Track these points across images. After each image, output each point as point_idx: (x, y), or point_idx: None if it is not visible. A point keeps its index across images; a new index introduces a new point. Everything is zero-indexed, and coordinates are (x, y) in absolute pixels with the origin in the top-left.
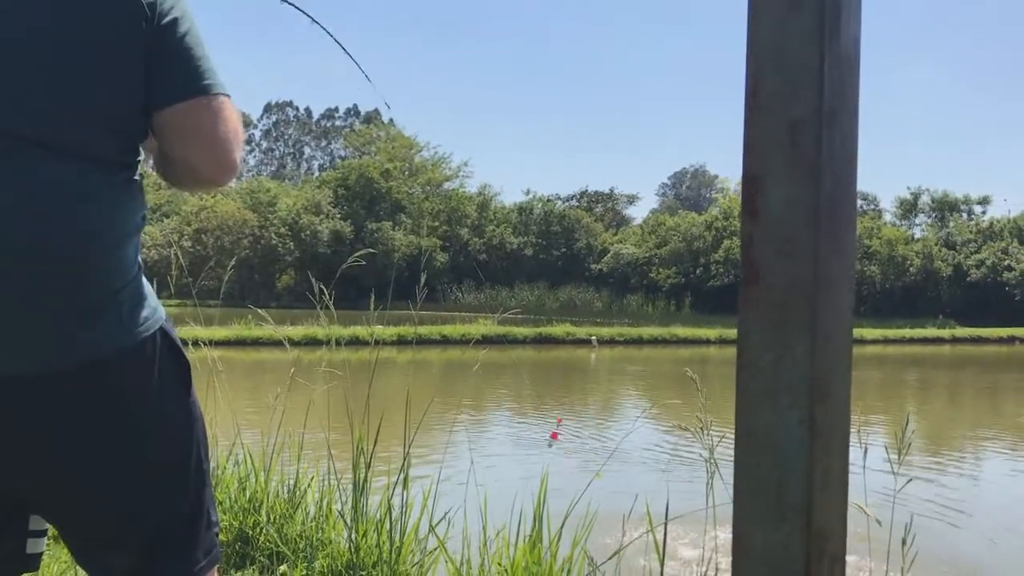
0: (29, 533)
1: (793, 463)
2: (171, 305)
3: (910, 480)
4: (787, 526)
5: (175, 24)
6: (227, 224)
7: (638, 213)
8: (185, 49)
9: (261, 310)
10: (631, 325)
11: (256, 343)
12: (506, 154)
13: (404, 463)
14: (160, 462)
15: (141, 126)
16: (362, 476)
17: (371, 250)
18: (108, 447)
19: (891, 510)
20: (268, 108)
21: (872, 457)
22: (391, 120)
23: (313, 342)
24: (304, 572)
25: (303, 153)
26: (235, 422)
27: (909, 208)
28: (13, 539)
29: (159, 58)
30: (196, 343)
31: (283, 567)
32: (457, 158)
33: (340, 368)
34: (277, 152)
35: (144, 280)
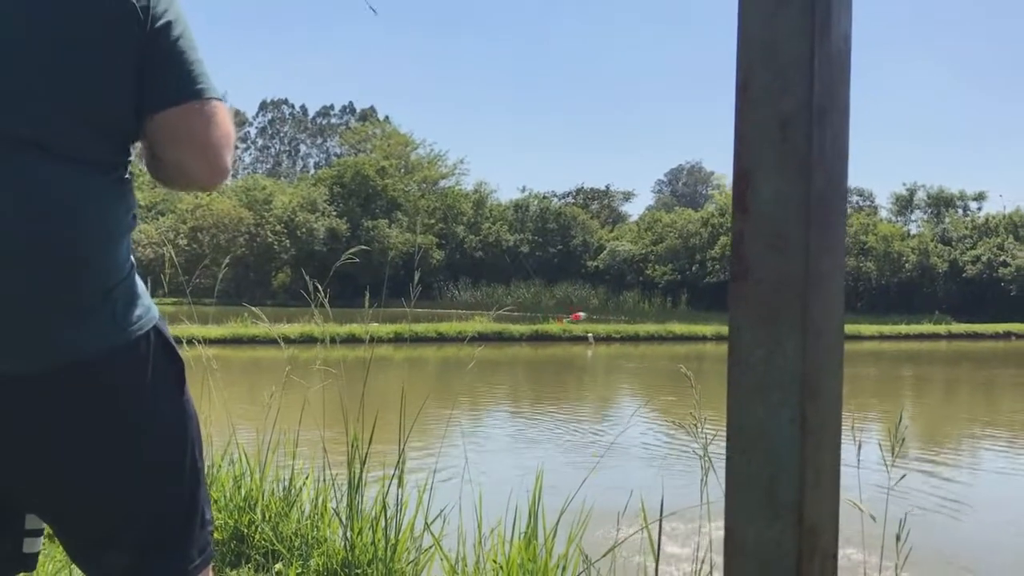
0: (25, 532)
1: (784, 460)
2: (166, 303)
3: (904, 475)
4: (779, 523)
5: (169, 28)
6: (223, 222)
7: (634, 210)
8: (178, 53)
9: (256, 308)
10: (627, 322)
11: (252, 341)
12: (502, 151)
13: (399, 460)
14: (155, 461)
15: (133, 127)
16: (357, 474)
17: (365, 247)
18: (103, 446)
19: (886, 506)
20: (263, 105)
21: (869, 453)
22: (387, 117)
23: (309, 340)
24: (299, 570)
25: (299, 151)
26: (230, 420)
27: (905, 204)
28: (10, 538)
29: (152, 62)
30: (191, 341)
31: (278, 565)
32: (453, 155)
33: (336, 366)
34: (273, 150)
35: (137, 279)
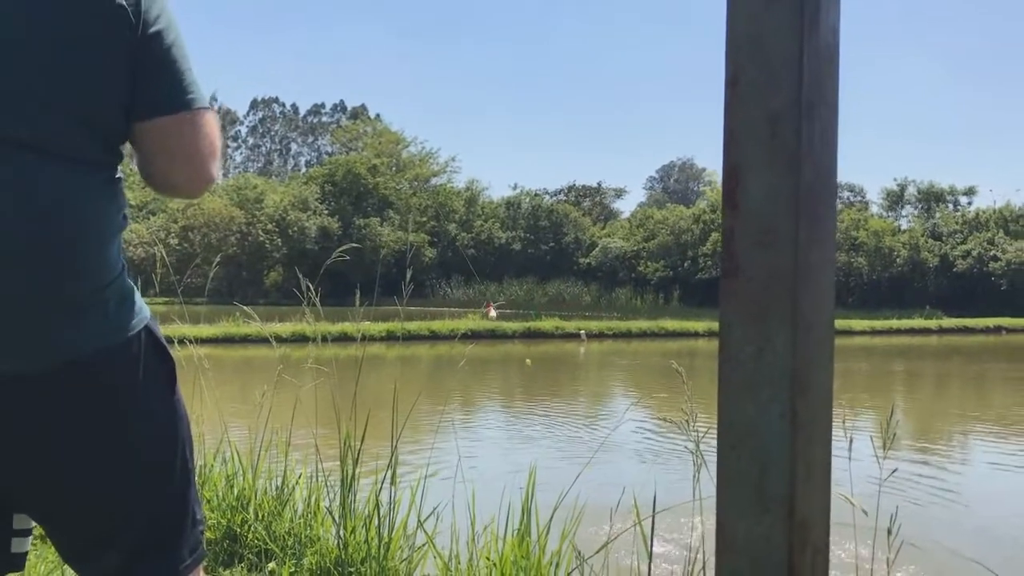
0: (13, 532)
1: (775, 455)
2: (158, 303)
3: (895, 469)
4: (769, 518)
5: (161, 34)
6: (214, 221)
7: (626, 207)
8: (170, 62)
9: (248, 307)
10: (620, 319)
11: (244, 340)
12: (493, 149)
13: (392, 459)
14: (146, 461)
15: (124, 128)
16: (350, 472)
17: (355, 244)
18: (96, 446)
19: (878, 499)
20: (254, 104)
21: (863, 448)
22: (377, 115)
23: (301, 339)
24: (293, 569)
25: (290, 149)
26: (222, 420)
27: (896, 199)
28: None
29: (144, 67)
30: (182, 341)
31: (271, 564)
32: (444, 153)
33: (328, 365)
34: (264, 148)
35: (128, 279)
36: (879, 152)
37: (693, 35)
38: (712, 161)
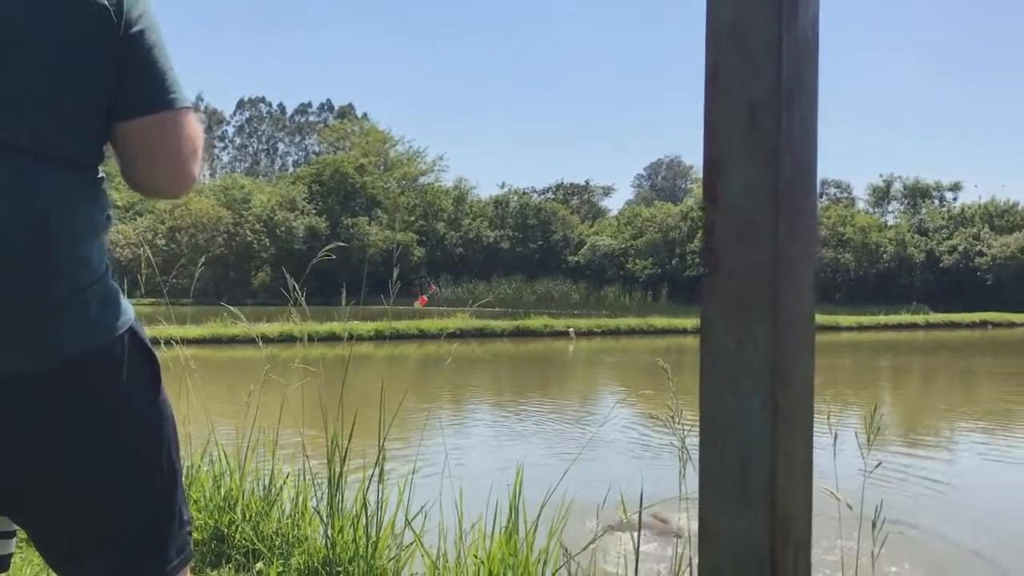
0: None
1: (756, 449)
2: (144, 304)
3: (880, 463)
4: (751, 512)
5: (143, 35)
6: (201, 222)
7: (614, 205)
8: (152, 61)
9: (236, 307)
10: (609, 316)
11: (232, 341)
12: (481, 147)
13: (379, 458)
14: (132, 461)
15: (107, 127)
16: (337, 472)
17: (342, 244)
18: (83, 447)
19: (862, 492)
20: (241, 104)
21: (850, 442)
22: (365, 114)
23: (289, 339)
24: (280, 569)
25: (277, 149)
26: (209, 420)
27: (882, 195)
28: None
29: (126, 68)
30: (168, 342)
31: (259, 564)
32: (432, 152)
33: (316, 364)
34: (251, 148)
35: (111, 280)
36: (865, 148)
37: (681, 33)
38: (699, 158)
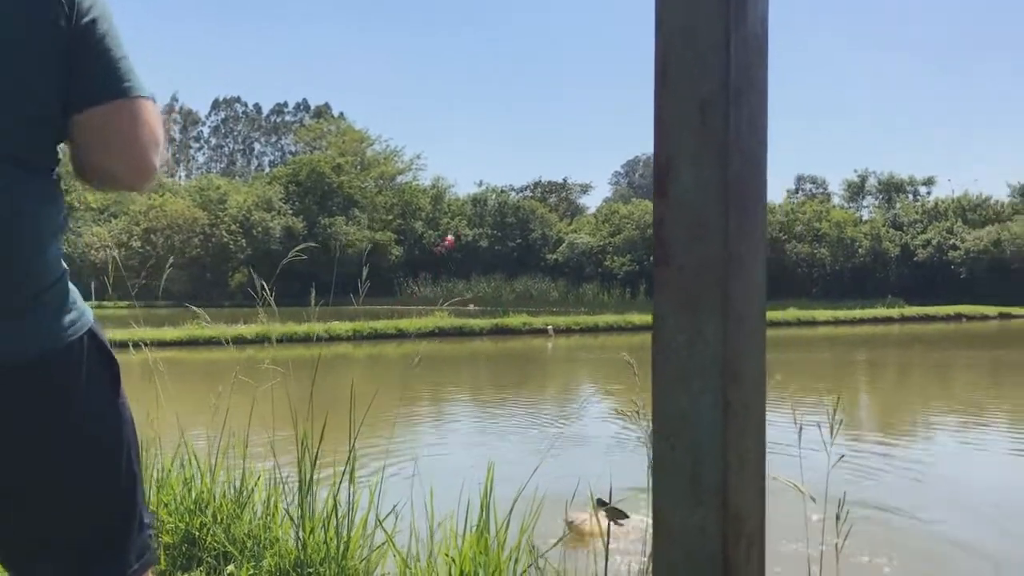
0: None
1: (707, 445)
2: (122, 307)
3: (842, 456)
4: (703, 508)
5: (94, 24)
6: (177, 223)
7: (592, 202)
8: (105, 50)
9: (214, 309)
10: (587, 313)
11: (208, 343)
12: (458, 146)
13: (349, 457)
14: (90, 464)
15: (63, 126)
16: (308, 473)
17: (313, 244)
18: (40, 449)
19: (826, 486)
20: (216, 104)
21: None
22: (341, 113)
23: (266, 340)
24: (251, 571)
25: (253, 149)
26: (179, 423)
27: (857, 190)
28: None
29: (78, 59)
30: (137, 344)
31: (230, 567)
32: (410, 151)
33: (296, 364)
34: (227, 149)
35: (69, 282)
36: (840, 143)
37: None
38: None
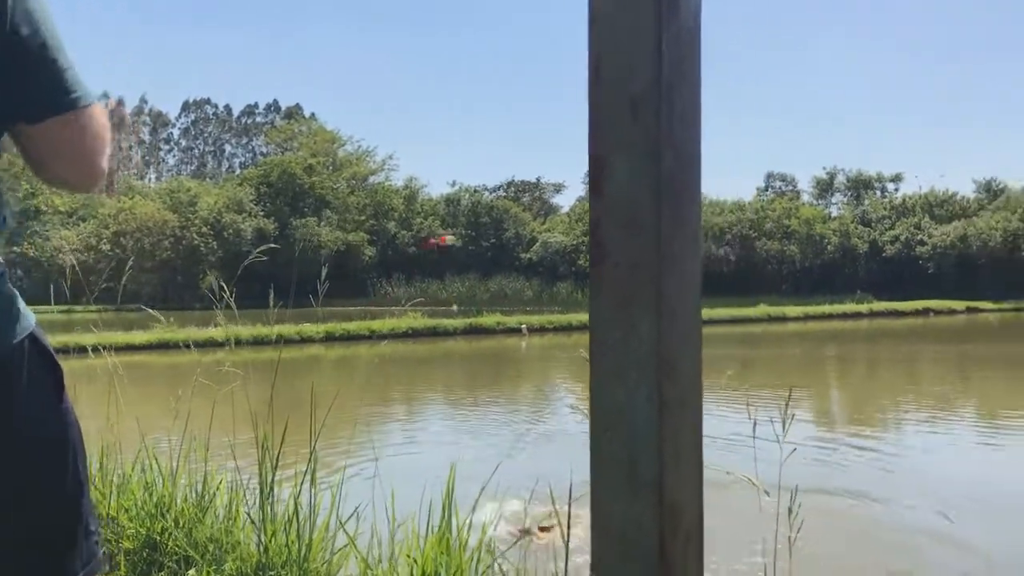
0: None
1: (643, 439)
2: (91, 311)
3: (794, 449)
4: (640, 502)
5: (36, 32)
6: (147, 226)
7: (565, 201)
8: (48, 61)
9: (183, 312)
10: (561, 312)
11: (178, 346)
12: (430, 146)
13: (310, 460)
14: (33, 470)
15: None
16: (269, 476)
17: (275, 245)
18: None
19: (779, 480)
20: (186, 106)
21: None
22: (312, 114)
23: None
24: (213, 575)
25: (224, 151)
26: (139, 427)
27: (825, 187)
28: None
29: (19, 69)
30: (96, 348)
31: (192, 571)
32: (382, 151)
33: (265, 367)
34: (197, 151)
35: (9, 285)
36: (808, 140)
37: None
38: None
